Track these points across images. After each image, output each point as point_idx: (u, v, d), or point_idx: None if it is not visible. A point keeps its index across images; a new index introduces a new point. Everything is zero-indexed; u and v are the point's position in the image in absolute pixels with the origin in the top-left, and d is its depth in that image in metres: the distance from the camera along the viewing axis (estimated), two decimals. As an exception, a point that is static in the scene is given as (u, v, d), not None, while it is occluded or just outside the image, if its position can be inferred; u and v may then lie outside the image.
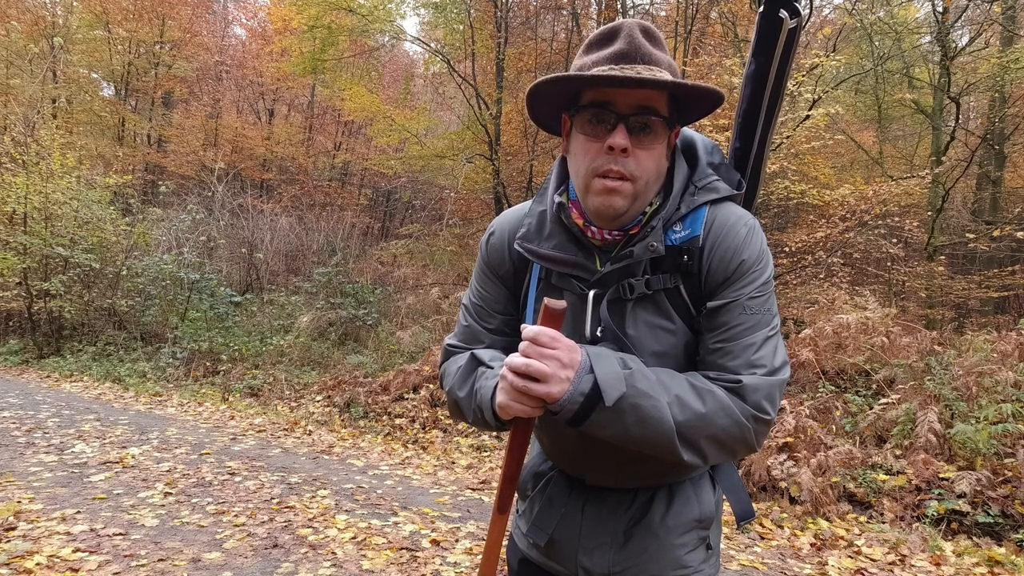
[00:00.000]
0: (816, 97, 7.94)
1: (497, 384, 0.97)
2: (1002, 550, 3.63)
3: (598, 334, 1.02)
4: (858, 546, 3.73)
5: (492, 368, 1.05)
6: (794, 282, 8.67)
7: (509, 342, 1.15)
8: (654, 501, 1.12)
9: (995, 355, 5.28)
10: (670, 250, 1.00)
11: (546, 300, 0.90)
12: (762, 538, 3.93)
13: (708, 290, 1.01)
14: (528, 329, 0.91)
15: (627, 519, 1.12)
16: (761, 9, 1.10)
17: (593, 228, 1.03)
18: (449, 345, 1.21)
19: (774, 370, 0.97)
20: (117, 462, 4.83)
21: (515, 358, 0.91)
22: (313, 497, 4.26)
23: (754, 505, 4.43)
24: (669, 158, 1.05)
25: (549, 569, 1.21)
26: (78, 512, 3.69)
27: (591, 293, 1.02)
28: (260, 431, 6.49)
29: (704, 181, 1.04)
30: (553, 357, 0.89)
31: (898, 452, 4.62)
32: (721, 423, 0.93)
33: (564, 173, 1.11)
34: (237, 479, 4.59)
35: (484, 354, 1.09)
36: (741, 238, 1.00)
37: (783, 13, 1.07)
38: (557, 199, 1.06)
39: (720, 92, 0.98)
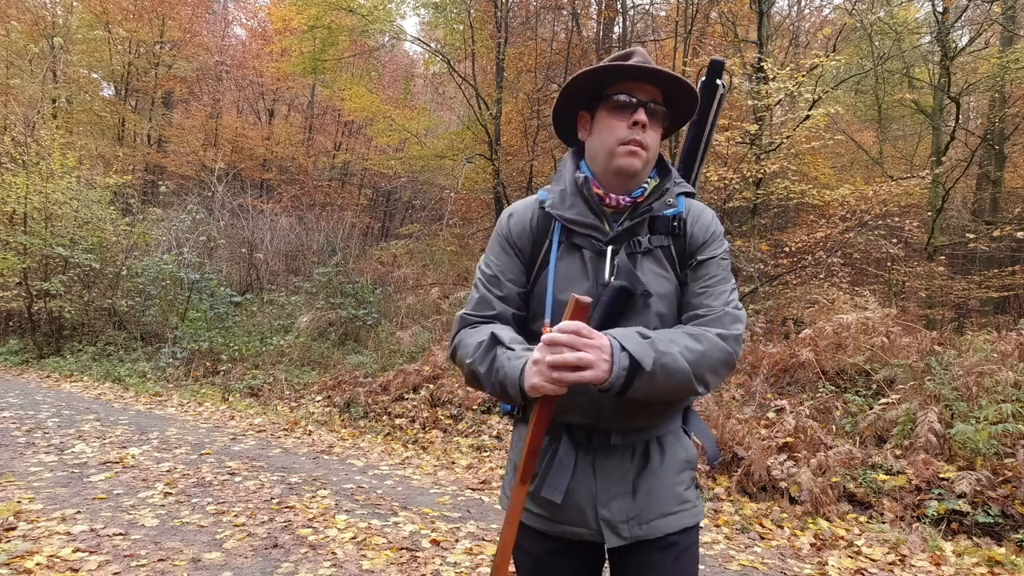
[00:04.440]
0: (816, 97, 7.94)
1: (524, 366, 1.15)
2: (1002, 550, 3.63)
3: (612, 280, 1.27)
4: (858, 546, 3.73)
5: (513, 349, 1.21)
6: (794, 282, 8.67)
7: (517, 310, 1.37)
8: (650, 450, 1.34)
9: (995, 355, 5.28)
10: (663, 219, 1.33)
11: (576, 296, 1.11)
12: (762, 538, 3.93)
13: (691, 250, 1.34)
14: (567, 325, 1.11)
15: (633, 469, 1.33)
16: (703, 79, 1.54)
17: (612, 196, 1.31)
18: (465, 314, 1.37)
19: (739, 307, 1.33)
20: (117, 462, 4.83)
21: (567, 354, 1.09)
22: (313, 497, 4.26)
23: (754, 505, 4.44)
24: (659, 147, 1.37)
25: (557, 533, 1.34)
26: (78, 512, 3.69)
27: (609, 248, 1.30)
28: (260, 431, 6.49)
29: (679, 180, 1.40)
30: (594, 346, 1.11)
31: (898, 452, 4.62)
32: (716, 355, 1.23)
33: (577, 161, 1.39)
34: (237, 479, 4.59)
35: (503, 334, 1.25)
36: (710, 218, 1.38)
37: (719, 81, 1.54)
38: (581, 176, 1.33)
39: (695, 93, 1.34)
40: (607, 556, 1.40)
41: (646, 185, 1.34)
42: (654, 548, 1.32)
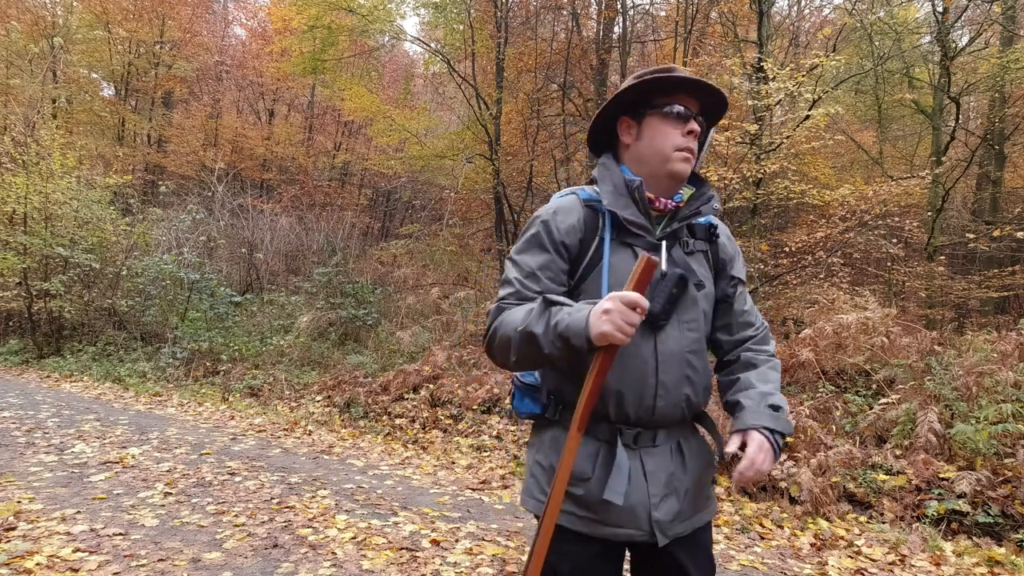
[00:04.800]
0: (816, 97, 7.93)
1: (588, 317, 1.18)
2: (1002, 550, 3.63)
3: (669, 271, 1.36)
4: (858, 546, 3.73)
5: (571, 305, 1.25)
6: (794, 282, 8.67)
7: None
8: (683, 450, 1.42)
9: (995, 355, 5.27)
10: (701, 225, 1.47)
11: (647, 255, 1.20)
12: (762, 538, 3.93)
13: (720, 260, 1.49)
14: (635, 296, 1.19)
15: (674, 468, 1.39)
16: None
17: (661, 199, 1.41)
18: (501, 301, 1.38)
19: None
20: (117, 462, 4.83)
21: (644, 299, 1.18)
22: (313, 497, 4.26)
23: (754, 505, 4.44)
24: None
25: (604, 536, 1.36)
26: (78, 512, 3.69)
27: (664, 243, 1.39)
28: (260, 431, 6.49)
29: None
30: (757, 451, 1.31)
31: (898, 452, 4.62)
32: (778, 372, 1.47)
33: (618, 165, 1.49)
34: (237, 479, 4.59)
35: (555, 296, 1.28)
36: (729, 233, 1.54)
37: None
38: (637, 179, 1.40)
39: (727, 105, 1.46)
40: (630, 552, 1.45)
41: (683, 192, 1.44)
42: (683, 544, 1.39)
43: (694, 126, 1.39)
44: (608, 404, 1.34)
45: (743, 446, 1.34)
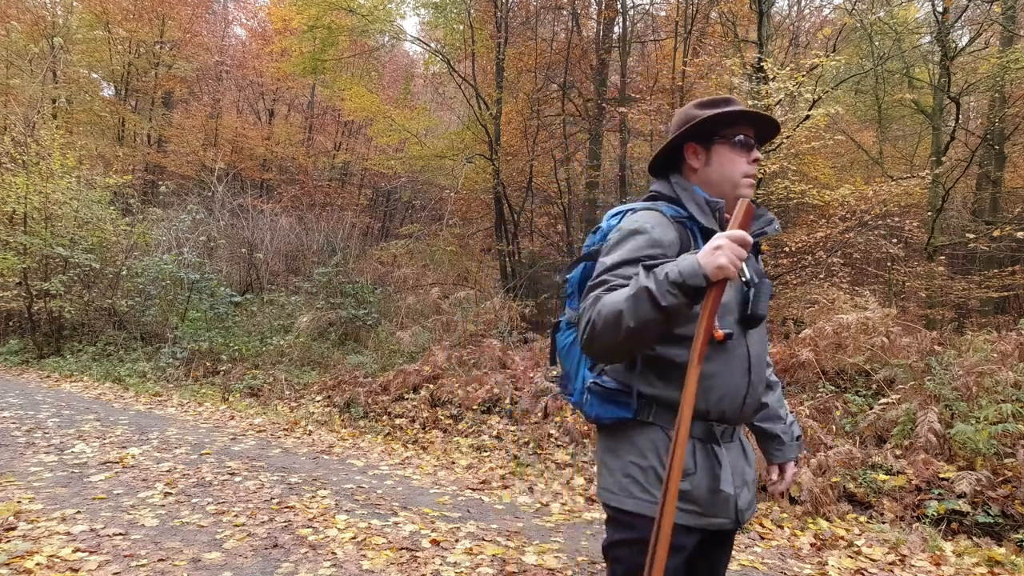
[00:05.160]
0: (816, 97, 7.93)
1: (699, 259, 1.25)
2: (1002, 550, 3.63)
3: (752, 279, 1.45)
4: (858, 546, 3.73)
5: (673, 260, 1.31)
6: (794, 282, 8.67)
7: None
8: (744, 446, 1.58)
9: (995, 355, 5.27)
10: (756, 242, 1.59)
11: (747, 200, 1.34)
12: (762, 538, 3.93)
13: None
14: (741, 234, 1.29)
15: (742, 463, 1.55)
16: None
17: (727, 217, 1.51)
18: (598, 289, 1.39)
19: None
20: (117, 462, 4.83)
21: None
22: (313, 497, 4.26)
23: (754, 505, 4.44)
24: None
25: (702, 526, 1.45)
26: (78, 512, 3.69)
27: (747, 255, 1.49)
28: (260, 431, 6.49)
29: None
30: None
31: (898, 452, 4.62)
32: None
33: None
34: (237, 479, 4.59)
35: (653, 261, 1.33)
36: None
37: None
38: (721, 201, 1.52)
39: (778, 131, 1.65)
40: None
41: None
42: (732, 533, 1.58)
43: (757, 154, 1.57)
44: (710, 402, 1.45)
45: (780, 472, 1.71)
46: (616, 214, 1.59)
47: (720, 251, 1.25)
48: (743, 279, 1.39)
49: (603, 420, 1.51)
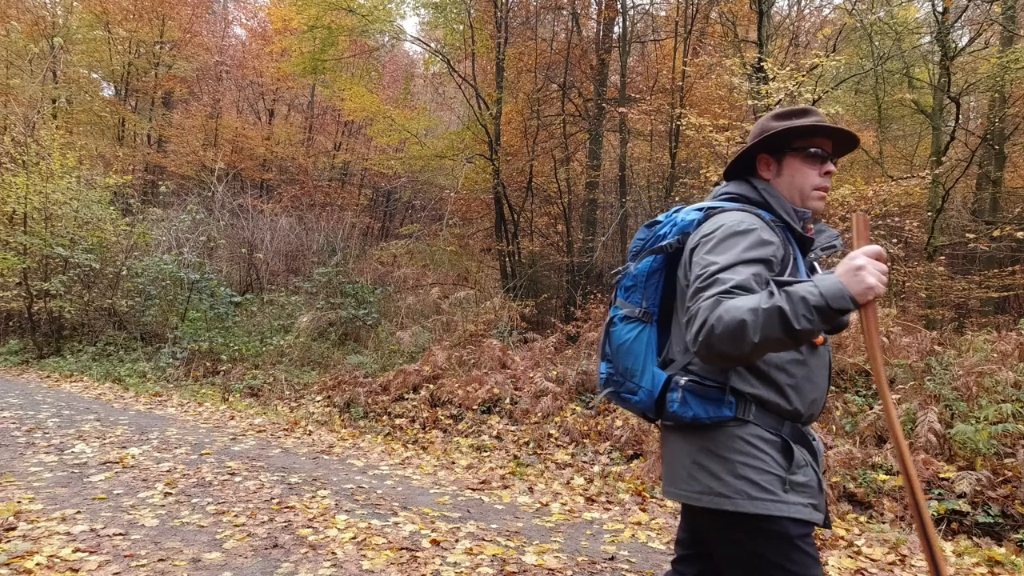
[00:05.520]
0: (816, 97, 7.93)
1: (840, 280, 1.24)
2: (1002, 550, 3.63)
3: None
4: (858, 546, 3.73)
5: (803, 282, 1.29)
6: (794, 282, 8.64)
7: None
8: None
9: (995, 355, 5.28)
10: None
11: (861, 214, 1.37)
12: (762, 538, 3.92)
13: None
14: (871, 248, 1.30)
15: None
16: None
17: (804, 227, 1.57)
18: (720, 295, 1.31)
19: None
20: (117, 462, 4.83)
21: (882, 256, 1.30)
22: (313, 497, 4.26)
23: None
24: None
25: (816, 522, 1.45)
26: (78, 512, 3.69)
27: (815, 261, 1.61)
28: (260, 431, 6.49)
29: None
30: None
31: (898, 452, 4.61)
32: None
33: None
34: (237, 479, 4.59)
35: (782, 279, 1.32)
36: None
37: None
38: (807, 212, 1.57)
39: (856, 145, 1.62)
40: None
41: None
42: None
43: (831, 167, 1.56)
44: (805, 403, 1.49)
45: None
46: (696, 210, 1.56)
47: (864, 271, 1.24)
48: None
49: (701, 420, 1.45)
